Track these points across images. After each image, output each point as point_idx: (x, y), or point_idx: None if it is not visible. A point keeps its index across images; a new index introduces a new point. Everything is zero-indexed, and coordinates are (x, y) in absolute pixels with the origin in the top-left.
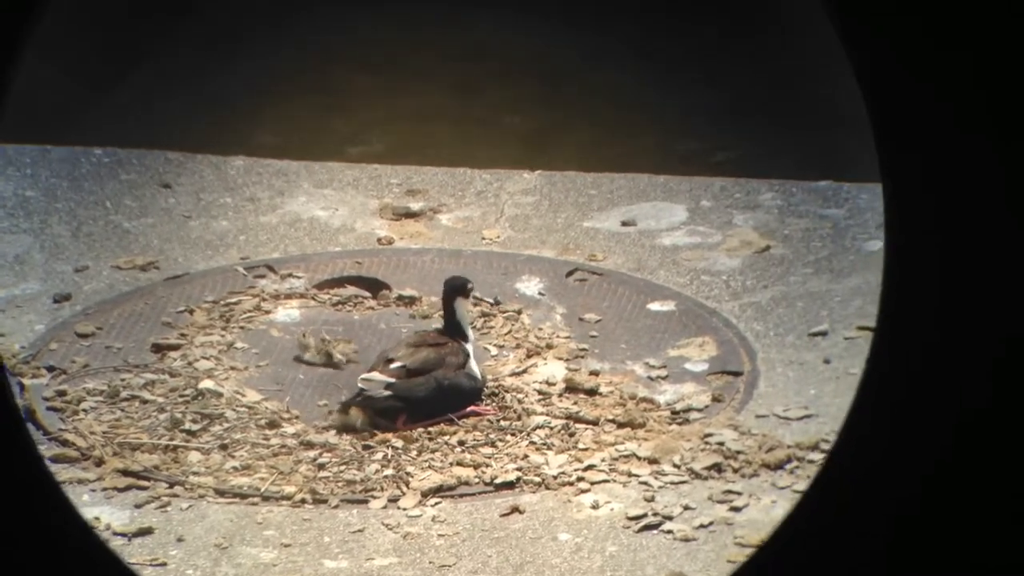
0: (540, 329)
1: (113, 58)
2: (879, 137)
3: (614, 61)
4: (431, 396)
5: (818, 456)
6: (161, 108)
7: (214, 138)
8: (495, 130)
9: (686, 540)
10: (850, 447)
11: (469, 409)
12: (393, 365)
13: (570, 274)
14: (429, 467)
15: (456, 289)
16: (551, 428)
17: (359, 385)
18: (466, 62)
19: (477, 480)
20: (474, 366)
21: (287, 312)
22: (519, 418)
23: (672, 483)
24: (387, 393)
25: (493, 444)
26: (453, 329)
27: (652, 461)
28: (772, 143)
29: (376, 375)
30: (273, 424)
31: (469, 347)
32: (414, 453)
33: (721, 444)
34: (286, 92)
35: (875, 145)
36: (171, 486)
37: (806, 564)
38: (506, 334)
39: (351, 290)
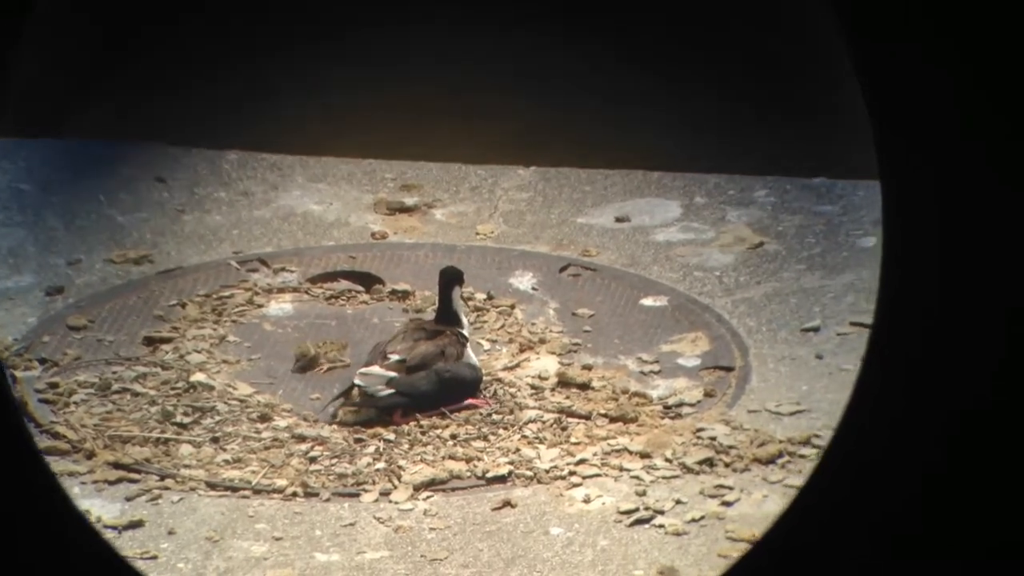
0: (533, 324)
1: (108, 51)
2: (879, 135)
3: (605, 62)
4: (433, 389)
5: (809, 451)
6: (157, 102)
7: (208, 133)
8: (487, 128)
9: (677, 534)
10: (847, 443)
11: (466, 402)
12: (392, 358)
13: (563, 269)
14: (421, 461)
15: (454, 278)
16: (543, 422)
17: (356, 381)
18: (460, 64)
19: (469, 474)
20: (471, 354)
21: (280, 306)
22: (511, 412)
23: (664, 477)
24: (389, 391)
25: (485, 438)
26: (449, 318)
27: (644, 455)
28: (766, 139)
29: (375, 370)
30: (265, 417)
31: (466, 332)
32: (406, 447)
33: (713, 439)
34: (285, 90)
35: (875, 144)
36: (162, 479)
37: (803, 560)
38: (499, 328)
39: (344, 284)
